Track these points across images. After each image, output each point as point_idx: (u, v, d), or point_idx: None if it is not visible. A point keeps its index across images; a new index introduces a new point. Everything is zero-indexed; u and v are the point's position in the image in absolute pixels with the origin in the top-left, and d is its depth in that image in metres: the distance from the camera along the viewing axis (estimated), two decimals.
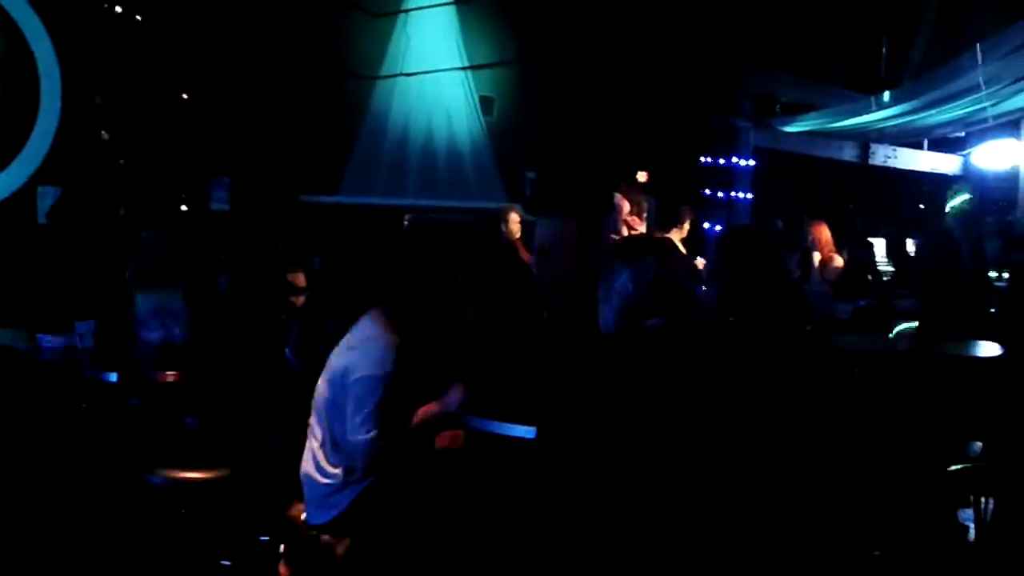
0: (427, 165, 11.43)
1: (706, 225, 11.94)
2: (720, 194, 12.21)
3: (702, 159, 12.27)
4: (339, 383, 3.19)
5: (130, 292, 4.74)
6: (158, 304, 4.60)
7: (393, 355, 3.14)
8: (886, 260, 9.84)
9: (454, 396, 3.37)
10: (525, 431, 3.23)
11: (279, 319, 6.55)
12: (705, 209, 12.02)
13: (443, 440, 3.54)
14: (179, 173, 9.41)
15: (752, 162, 12.30)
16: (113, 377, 4.34)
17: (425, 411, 3.37)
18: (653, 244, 2.87)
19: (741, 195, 12.21)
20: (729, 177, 12.25)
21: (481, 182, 11.82)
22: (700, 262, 7.79)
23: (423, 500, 3.20)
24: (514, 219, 8.53)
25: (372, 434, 3.11)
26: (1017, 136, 14.22)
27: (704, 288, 3.96)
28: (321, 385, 3.30)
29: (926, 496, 4.36)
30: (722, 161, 12.16)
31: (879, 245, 10.17)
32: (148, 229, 6.87)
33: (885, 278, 9.19)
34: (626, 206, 7.91)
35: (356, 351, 3.22)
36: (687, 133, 12.20)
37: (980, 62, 10.92)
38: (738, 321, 3.03)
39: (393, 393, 3.14)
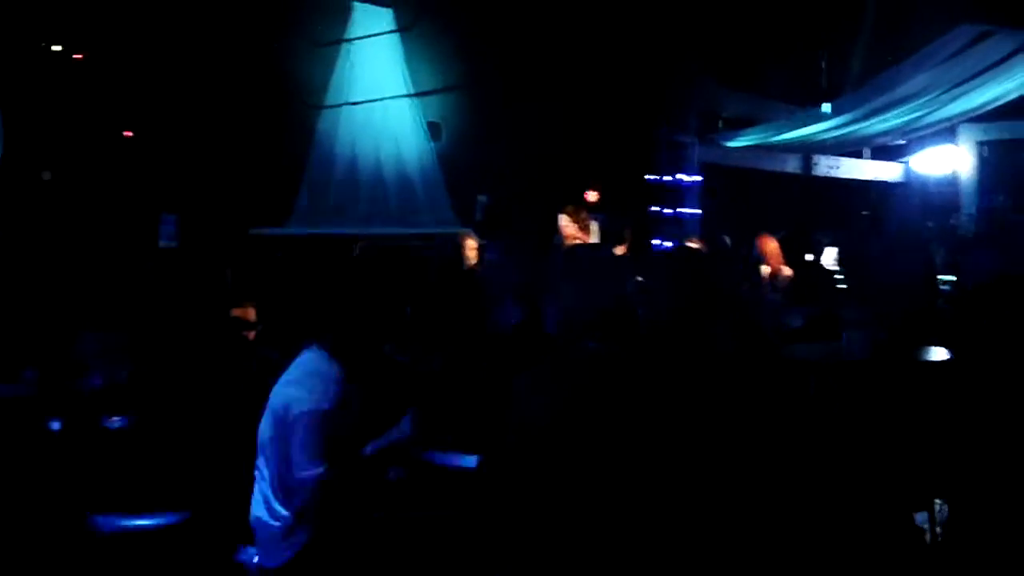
0: (377, 193, 11.41)
1: (656, 242, 12.02)
2: (668, 211, 12.29)
3: (649, 177, 12.34)
4: (282, 420, 3.15)
5: (73, 335, 4.65)
6: (103, 345, 4.53)
7: (335, 388, 3.11)
8: (837, 268, 9.92)
9: (404, 425, 3.33)
10: (473, 461, 3.20)
11: (231, 354, 6.50)
12: (654, 226, 12.10)
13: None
14: (125, 210, 9.31)
15: (698, 178, 12.39)
16: (56, 425, 4.26)
17: (375, 443, 3.32)
18: (603, 260, 2.87)
19: (689, 211, 12.29)
20: (676, 194, 12.33)
21: (432, 207, 11.81)
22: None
23: (376, 539, 3.16)
24: (470, 245, 8.46)
25: (320, 469, 3.07)
26: (954, 142, 14.51)
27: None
28: (264, 423, 3.25)
29: (882, 500, 4.40)
30: (668, 179, 12.24)
31: (830, 254, 10.26)
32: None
33: (841, 286, 9.25)
34: (571, 228, 7.91)
35: (297, 386, 3.18)
36: (634, 150, 12.27)
37: (917, 71, 11.14)
38: (700, 330, 3.03)
39: (338, 426, 3.11)
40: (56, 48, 8.86)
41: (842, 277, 9.39)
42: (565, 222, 8.03)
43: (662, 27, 11.71)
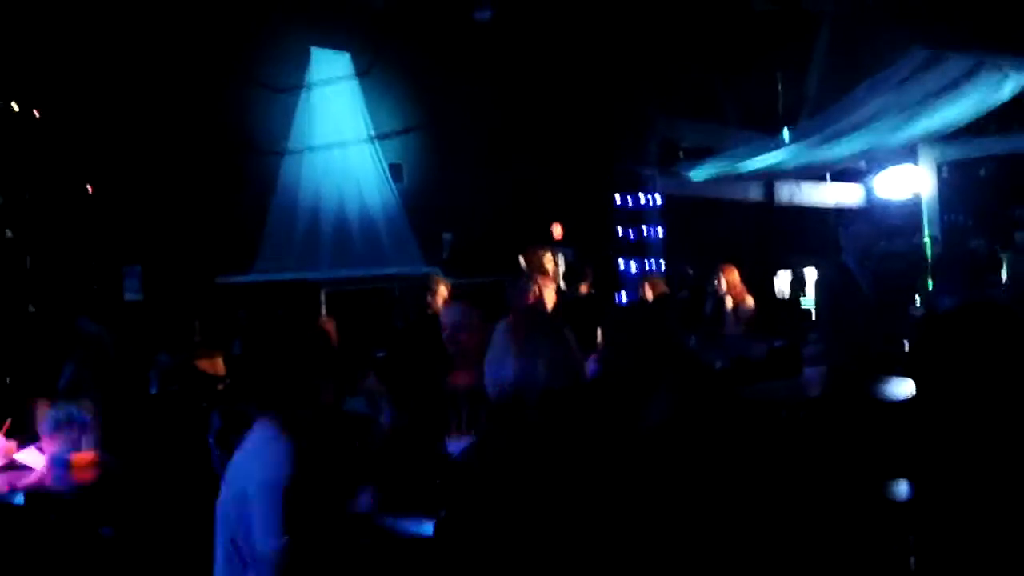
0: (341, 236, 11.45)
1: (621, 266, 12.15)
2: (632, 234, 12.36)
3: (616, 202, 12.40)
4: (240, 495, 3.13)
5: (32, 405, 4.62)
6: (65, 417, 4.51)
7: (291, 458, 3.09)
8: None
9: (363, 502, 3.32)
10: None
11: (199, 408, 6.47)
12: (619, 250, 12.22)
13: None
14: (89, 265, 9.28)
15: (659, 200, 12.50)
16: (20, 499, 4.24)
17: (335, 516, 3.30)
18: (542, 325, 2.90)
19: (654, 232, 12.39)
20: (639, 216, 12.41)
21: (397, 248, 11.86)
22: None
23: None
24: (441, 291, 8.29)
25: (282, 541, 3.05)
26: (915, 162, 14.66)
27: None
28: (222, 498, 3.23)
29: (857, 536, 4.43)
30: (630, 203, 12.34)
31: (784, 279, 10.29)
32: (94, 323, 6.62)
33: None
34: (534, 268, 7.88)
35: (252, 460, 3.17)
36: (596, 184, 12.37)
37: (873, 94, 11.26)
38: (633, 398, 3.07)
39: (297, 496, 3.10)
40: (14, 106, 8.82)
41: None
42: (528, 264, 8.02)
43: (618, 61, 11.83)
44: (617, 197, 12.45)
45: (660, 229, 12.48)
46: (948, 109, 11.83)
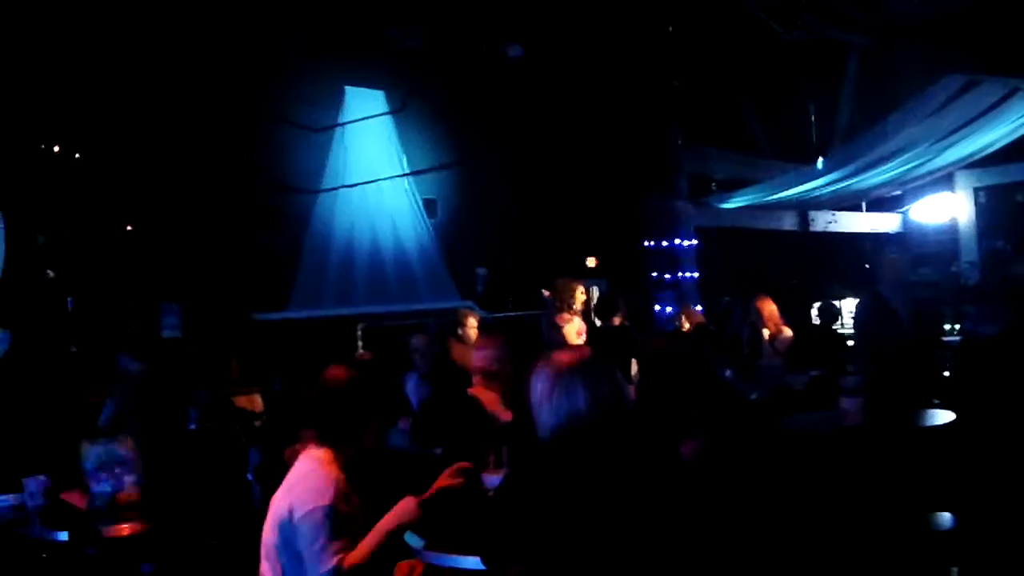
0: (376, 272, 11.52)
1: (656, 308, 12.06)
2: (667, 276, 12.31)
3: (647, 243, 12.38)
4: (287, 525, 3.18)
5: (78, 444, 4.68)
6: (106, 455, 4.55)
7: (333, 485, 3.16)
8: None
9: (406, 509, 3.31)
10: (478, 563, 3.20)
11: (238, 444, 6.51)
12: (654, 291, 12.15)
13: (401, 571, 3.51)
14: (128, 304, 9.39)
15: (694, 241, 12.44)
16: (63, 536, 4.28)
17: (379, 529, 3.29)
18: (584, 362, 2.89)
19: (688, 275, 12.32)
20: (673, 258, 12.35)
21: (431, 283, 11.90)
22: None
23: None
24: (471, 324, 8.30)
25: (334, 562, 3.08)
26: (951, 189, 14.56)
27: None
28: (268, 530, 3.27)
29: (900, 567, 4.38)
30: (664, 244, 12.28)
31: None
32: (135, 359, 6.70)
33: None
34: (564, 300, 7.89)
35: (297, 489, 3.22)
36: (630, 217, 12.37)
37: (905, 123, 11.22)
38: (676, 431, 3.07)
39: (344, 521, 3.14)
40: (56, 148, 8.99)
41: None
42: (554, 295, 8.03)
43: (649, 94, 11.87)
44: (650, 240, 12.38)
45: (694, 273, 12.39)
46: (983, 135, 11.77)
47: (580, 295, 7.90)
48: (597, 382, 2.82)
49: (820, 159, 12.14)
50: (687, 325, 8.55)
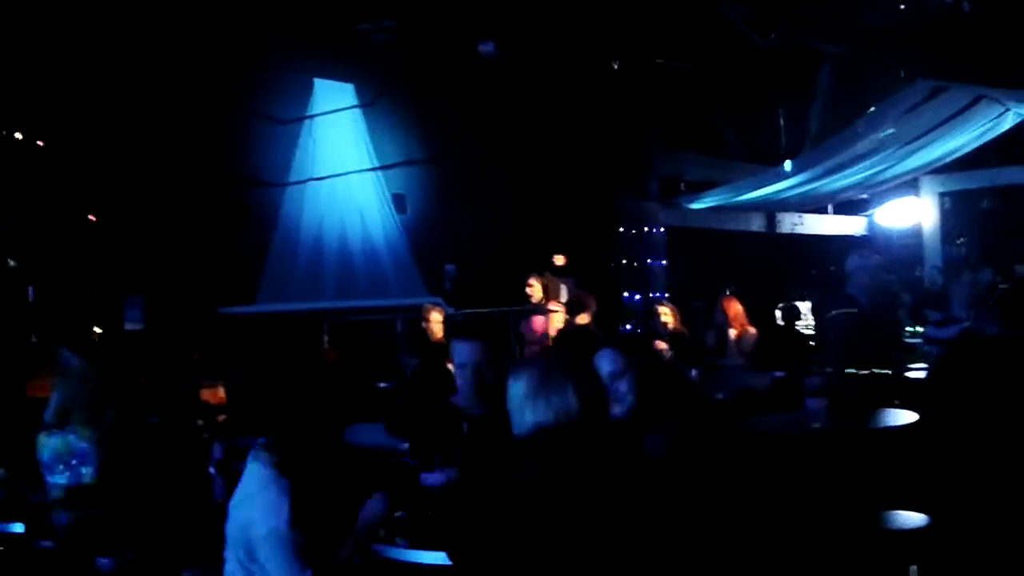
0: (344, 267, 11.45)
1: (625, 295, 12.18)
2: (635, 263, 12.39)
3: (620, 230, 12.43)
4: (247, 536, 3.10)
5: (33, 435, 4.60)
6: (63, 447, 4.48)
7: (288, 498, 3.06)
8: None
9: (375, 506, 3.25)
10: (437, 557, 3.16)
11: (200, 439, 6.43)
12: (623, 279, 12.24)
13: None
14: (90, 295, 9.27)
15: (662, 229, 12.52)
16: (19, 527, 4.21)
17: (351, 535, 3.23)
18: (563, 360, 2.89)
19: (656, 263, 12.42)
20: (642, 247, 12.43)
21: (400, 279, 11.86)
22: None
23: None
24: (435, 318, 8.28)
25: (308, 573, 3.02)
26: (916, 194, 14.72)
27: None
28: (228, 533, 3.19)
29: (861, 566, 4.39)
30: (633, 232, 12.37)
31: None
32: (75, 354, 6.61)
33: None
34: (537, 292, 7.99)
35: (250, 505, 3.12)
36: (599, 216, 12.39)
37: (873, 128, 11.32)
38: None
39: (306, 530, 3.07)
40: (18, 135, 8.86)
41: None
42: (532, 289, 8.13)
43: (622, 96, 11.88)
44: (620, 228, 12.47)
45: (663, 261, 12.49)
46: (949, 141, 11.91)
47: (563, 289, 8.10)
48: (584, 380, 2.82)
49: (788, 161, 12.23)
50: (673, 322, 8.36)
